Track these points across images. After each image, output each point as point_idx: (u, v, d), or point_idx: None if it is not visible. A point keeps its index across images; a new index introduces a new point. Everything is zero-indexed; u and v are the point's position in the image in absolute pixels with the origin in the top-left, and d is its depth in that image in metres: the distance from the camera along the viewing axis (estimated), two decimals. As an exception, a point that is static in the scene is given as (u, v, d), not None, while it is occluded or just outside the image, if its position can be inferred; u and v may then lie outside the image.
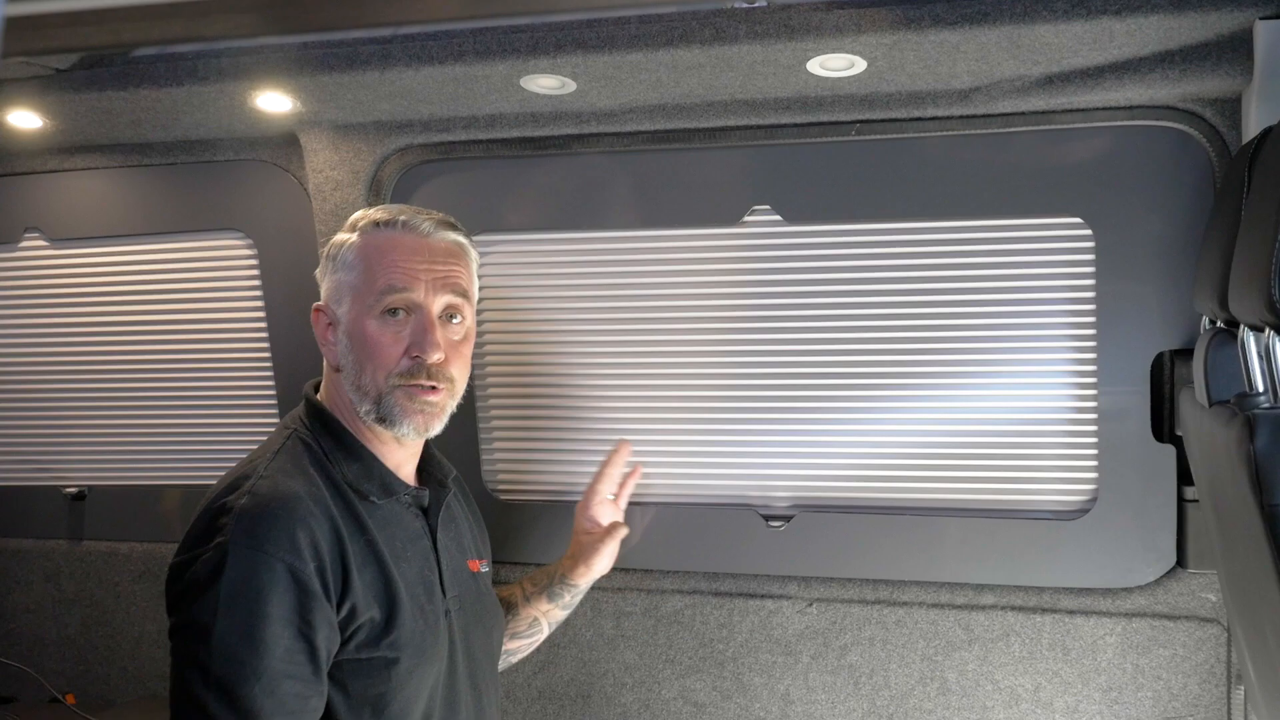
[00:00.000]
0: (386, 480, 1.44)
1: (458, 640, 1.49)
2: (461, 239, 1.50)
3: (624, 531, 1.86)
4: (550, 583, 1.83)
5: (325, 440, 1.42)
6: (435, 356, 1.40)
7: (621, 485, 1.93)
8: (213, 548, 1.26)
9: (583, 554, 1.83)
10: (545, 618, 1.83)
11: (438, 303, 1.43)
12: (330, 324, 1.46)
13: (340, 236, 1.48)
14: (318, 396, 1.50)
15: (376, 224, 1.45)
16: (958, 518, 2.02)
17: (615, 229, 2.12)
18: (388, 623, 1.35)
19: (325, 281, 1.47)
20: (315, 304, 1.48)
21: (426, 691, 1.42)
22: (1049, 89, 1.78)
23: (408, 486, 1.48)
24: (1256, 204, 1.22)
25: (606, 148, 2.06)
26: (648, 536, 2.16)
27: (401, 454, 1.49)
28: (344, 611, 1.31)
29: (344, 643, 1.32)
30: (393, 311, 1.41)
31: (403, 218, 1.45)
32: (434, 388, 1.42)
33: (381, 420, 1.41)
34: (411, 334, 1.41)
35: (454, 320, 1.47)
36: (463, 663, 1.51)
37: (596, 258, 2.14)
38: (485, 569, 1.65)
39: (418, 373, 1.40)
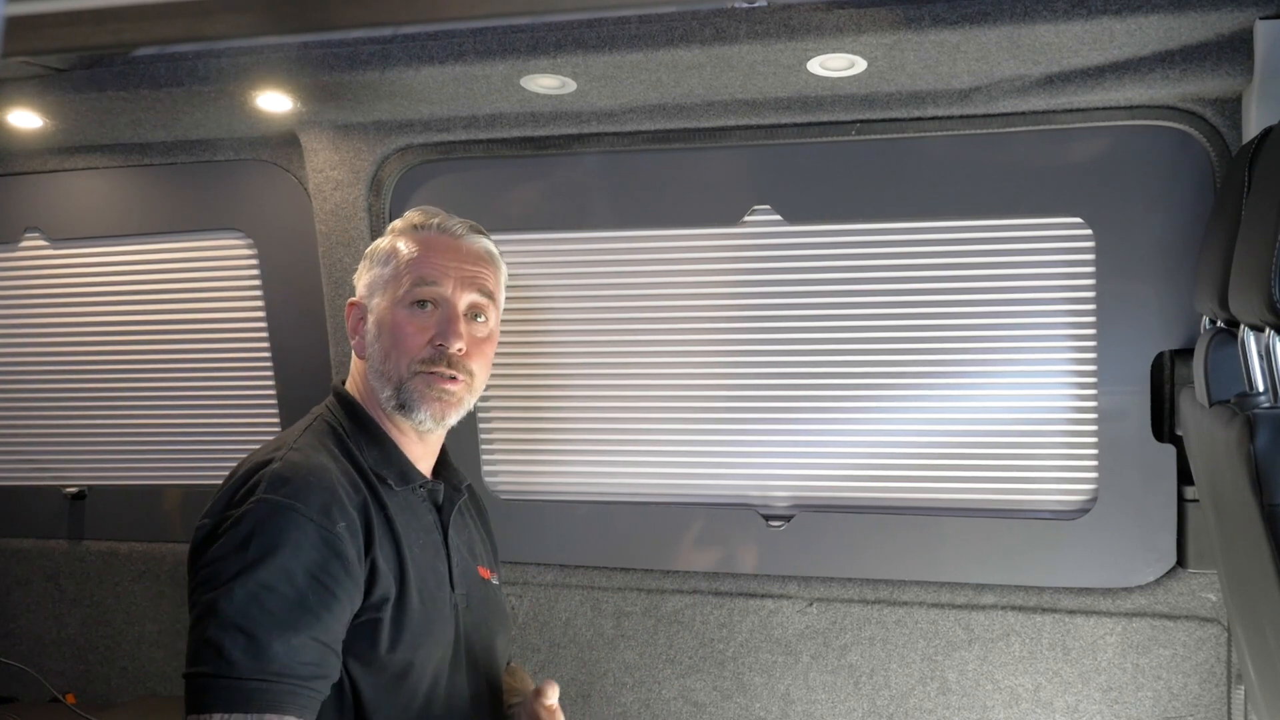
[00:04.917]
0: (405, 469, 1.49)
1: (462, 637, 1.50)
2: (492, 248, 1.59)
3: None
4: None
5: (349, 424, 1.49)
6: (456, 345, 1.47)
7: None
8: (247, 505, 1.30)
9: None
10: None
11: (464, 300, 1.51)
12: (361, 317, 1.54)
13: (379, 240, 1.57)
14: (345, 387, 1.57)
15: (414, 226, 1.54)
16: (958, 518, 2.02)
17: (615, 229, 2.11)
18: (398, 600, 1.38)
19: (361, 280, 1.56)
20: (350, 299, 1.57)
21: (429, 678, 1.43)
22: (1049, 89, 1.78)
23: (424, 478, 1.53)
24: (1256, 204, 1.22)
25: (607, 148, 2.05)
26: (648, 536, 2.16)
27: (420, 449, 1.54)
28: (365, 570, 1.35)
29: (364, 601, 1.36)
30: (421, 303, 1.49)
31: (437, 220, 1.55)
32: (454, 378, 1.48)
33: (401, 407, 1.47)
34: (437, 324, 1.48)
35: (478, 319, 1.53)
36: (465, 660, 1.51)
37: (597, 257, 2.14)
38: (495, 581, 1.66)
39: (439, 360, 1.47)
